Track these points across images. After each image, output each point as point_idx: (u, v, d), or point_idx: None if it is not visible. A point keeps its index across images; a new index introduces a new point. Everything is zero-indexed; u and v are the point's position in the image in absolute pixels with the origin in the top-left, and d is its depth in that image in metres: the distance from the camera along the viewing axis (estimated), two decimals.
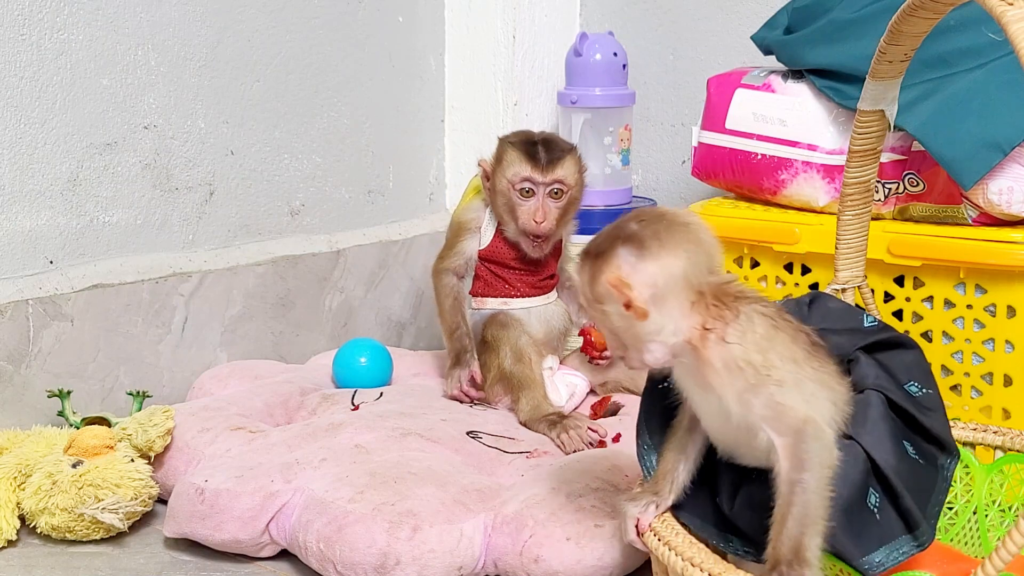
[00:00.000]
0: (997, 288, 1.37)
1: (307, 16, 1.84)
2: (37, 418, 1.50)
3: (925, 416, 0.94)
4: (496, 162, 1.56)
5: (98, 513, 1.28)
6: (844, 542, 0.88)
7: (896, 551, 0.90)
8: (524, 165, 1.54)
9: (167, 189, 1.69)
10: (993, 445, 1.20)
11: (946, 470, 0.94)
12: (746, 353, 0.89)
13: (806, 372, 0.89)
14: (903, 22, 1.07)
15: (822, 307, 1.04)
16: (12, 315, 1.49)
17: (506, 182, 1.54)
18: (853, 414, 0.92)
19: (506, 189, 1.54)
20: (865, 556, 0.89)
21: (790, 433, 0.87)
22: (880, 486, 0.90)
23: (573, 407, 1.56)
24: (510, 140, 1.58)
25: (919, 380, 0.97)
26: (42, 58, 1.53)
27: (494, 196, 1.57)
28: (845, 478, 0.88)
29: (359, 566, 1.16)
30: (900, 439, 0.92)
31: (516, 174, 1.54)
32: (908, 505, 0.89)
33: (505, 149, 1.56)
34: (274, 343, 1.81)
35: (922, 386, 0.97)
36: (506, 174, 1.54)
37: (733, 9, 1.94)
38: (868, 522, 0.89)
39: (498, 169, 1.56)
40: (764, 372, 0.88)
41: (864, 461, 0.90)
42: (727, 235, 1.56)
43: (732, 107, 1.58)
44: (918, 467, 0.92)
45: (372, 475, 1.25)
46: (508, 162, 1.55)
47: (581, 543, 1.16)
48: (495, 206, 1.57)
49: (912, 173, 1.44)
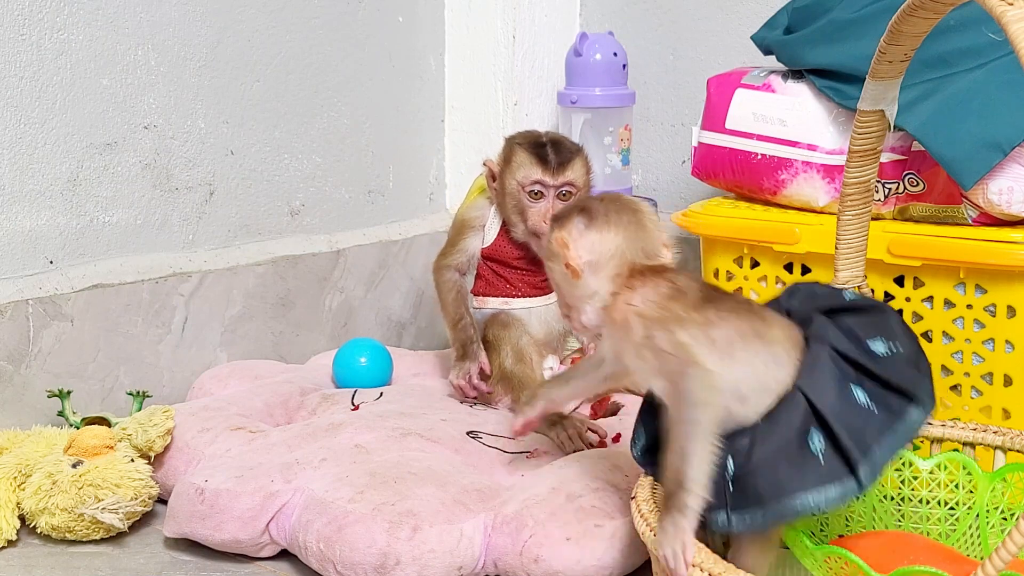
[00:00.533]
0: (997, 288, 1.37)
1: (307, 16, 1.84)
2: (37, 418, 1.50)
3: (880, 365, 0.96)
4: (504, 163, 1.56)
5: (98, 513, 1.28)
6: (781, 482, 0.92)
7: (831, 494, 0.92)
8: (535, 168, 1.54)
9: (167, 189, 1.69)
10: (993, 445, 1.20)
11: (910, 420, 0.94)
12: (640, 310, 1.00)
13: (709, 326, 0.97)
14: (903, 22, 1.07)
15: (807, 291, 1.08)
16: (12, 315, 1.49)
17: (516, 184, 1.54)
18: (802, 366, 0.97)
19: (516, 191, 1.54)
20: (800, 495, 0.92)
21: (671, 377, 0.96)
22: (823, 431, 0.93)
23: (573, 407, 1.56)
24: (518, 141, 1.58)
25: (888, 336, 0.98)
26: (42, 58, 1.53)
27: (502, 196, 1.57)
28: (785, 422, 0.93)
29: (359, 566, 1.16)
30: (847, 386, 0.95)
31: (526, 176, 1.54)
32: (846, 444, 0.91)
33: (514, 151, 1.56)
34: (274, 343, 1.81)
35: (891, 341, 0.98)
36: (516, 176, 1.54)
37: (733, 9, 1.94)
38: (810, 465, 0.92)
39: (507, 170, 1.55)
40: (651, 328, 0.99)
41: (802, 405, 0.94)
42: (727, 235, 1.56)
43: (732, 107, 1.58)
44: (867, 413, 0.94)
45: (372, 475, 1.25)
46: (518, 164, 1.54)
47: (581, 543, 1.16)
48: (502, 206, 1.57)
49: (912, 173, 1.44)
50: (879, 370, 0.96)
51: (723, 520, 0.94)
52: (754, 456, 0.93)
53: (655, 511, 1.01)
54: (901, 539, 1.11)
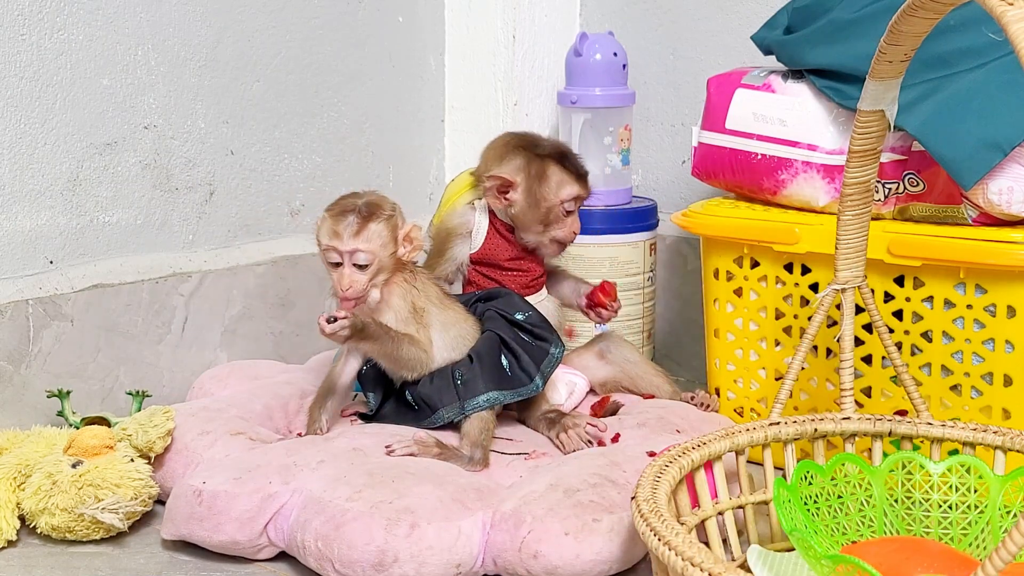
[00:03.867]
0: (997, 288, 1.37)
1: (307, 16, 1.85)
2: (37, 418, 1.50)
3: (527, 321, 1.49)
4: (537, 178, 1.53)
5: (98, 513, 1.28)
6: (485, 387, 1.41)
7: (519, 391, 1.44)
8: (575, 184, 1.54)
9: (167, 189, 1.69)
10: (993, 445, 1.20)
11: (554, 353, 1.48)
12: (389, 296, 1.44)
13: (435, 311, 1.46)
14: (903, 22, 1.07)
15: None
16: (12, 315, 1.49)
17: (556, 200, 1.53)
18: (484, 323, 1.48)
19: (555, 205, 1.54)
20: (496, 392, 1.42)
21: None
22: (510, 354, 1.44)
23: (572, 406, 1.56)
24: (541, 154, 1.55)
25: (522, 309, 1.50)
26: (42, 58, 1.53)
27: (525, 208, 1.54)
28: (488, 348, 1.44)
29: (357, 564, 1.16)
30: (514, 332, 1.47)
31: (569, 193, 1.54)
32: (526, 362, 1.44)
33: (547, 165, 1.54)
34: (274, 343, 1.81)
35: (526, 312, 1.49)
36: (559, 193, 1.53)
37: (733, 9, 1.94)
38: (504, 376, 1.43)
39: (541, 185, 1.53)
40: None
41: (495, 338, 1.45)
42: (727, 235, 1.56)
43: (732, 107, 1.58)
44: (529, 345, 1.46)
45: (370, 474, 1.25)
46: (559, 181, 1.53)
47: (579, 538, 1.16)
48: (519, 216, 1.54)
49: (912, 173, 1.44)
50: (525, 322, 1.48)
51: (458, 408, 1.40)
52: (474, 371, 1.42)
53: (655, 510, 1.01)
54: (912, 544, 1.11)
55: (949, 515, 1.17)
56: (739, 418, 1.60)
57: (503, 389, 1.42)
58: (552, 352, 1.47)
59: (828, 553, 1.05)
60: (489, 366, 1.43)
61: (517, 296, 1.53)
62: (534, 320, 1.50)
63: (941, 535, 1.17)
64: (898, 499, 1.18)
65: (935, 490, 1.18)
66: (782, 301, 1.53)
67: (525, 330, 1.48)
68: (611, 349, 1.63)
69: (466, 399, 1.40)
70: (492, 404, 1.41)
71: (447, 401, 1.41)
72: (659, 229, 1.91)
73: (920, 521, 1.18)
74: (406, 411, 1.46)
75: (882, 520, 1.18)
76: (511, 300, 1.52)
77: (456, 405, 1.41)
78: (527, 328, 1.48)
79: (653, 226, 1.89)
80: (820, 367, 1.51)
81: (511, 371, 1.44)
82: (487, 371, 1.42)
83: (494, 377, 1.42)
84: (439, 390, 1.43)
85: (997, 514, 1.15)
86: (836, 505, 1.17)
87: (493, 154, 1.58)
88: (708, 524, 1.17)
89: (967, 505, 1.16)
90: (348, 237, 1.39)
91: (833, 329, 1.34)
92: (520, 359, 1.45)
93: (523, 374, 1.44)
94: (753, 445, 1.22)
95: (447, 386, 1.42)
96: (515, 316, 1.49)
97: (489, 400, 1.41)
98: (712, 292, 1.61)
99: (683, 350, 2.01)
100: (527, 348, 1.46)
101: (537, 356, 1.46)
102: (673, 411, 1.50)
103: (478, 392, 1.41)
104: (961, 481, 1.18)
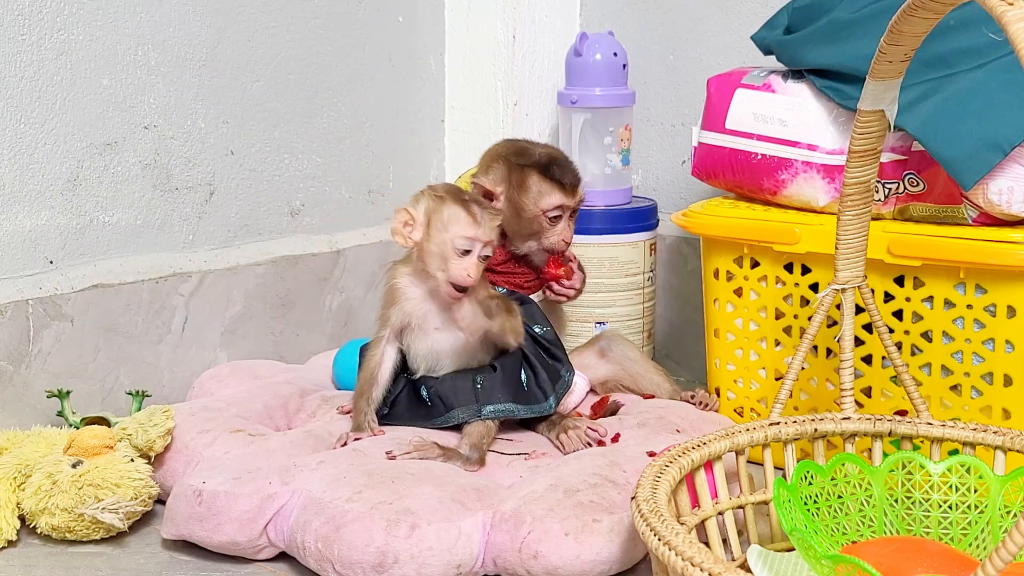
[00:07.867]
0: (997, 288, 1.37)
1: (307, 16, 1.85)
2: (37, 418, 1.50)
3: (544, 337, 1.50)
4: (517, 187, 1.53)
5: (98, 513, 1.28)
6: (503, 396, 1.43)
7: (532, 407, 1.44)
8: (556, 194, 1.53)
9: (167, 189, 1.69)
10: (993, 445, 1.20)
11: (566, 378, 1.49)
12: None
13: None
14: (903, 22, 1.07)
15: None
16: (12, 315, 1.49)
17: (537, 210, 1.53)
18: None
19: (537, 215, 1.53)
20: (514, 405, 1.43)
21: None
22: (530, 369, 1.45)
23: (573, 405, 1.56)
24: (523, 163, 1.54)
25: (540, 323, 1.51)
26: (42, 58, 1.53)
27: (508, 217, 1.52)
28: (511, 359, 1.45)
29: (357, 565, 1.16)
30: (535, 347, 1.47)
31: (550, 203, 1.53)
32: (543, 380, 1.45)
33: (527, 175, 1.53)
34: (274, 343, 1.81)
35: (544, 326, 1.51)
36: (539, 204, 1.52)
37: (733, 9, 1.94)
38: (521, 390, 1.44)
39: (522, 195, 1.53)
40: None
41: (518, 351, 1.45)
42: (727, 235, 1.56)
43: (732, 107, 1.58)
44: (547, 363, 1.47)
45: (370, 475, 1.25)
46: (539, 191, 1.52)
47: (579, 538, 1.16)
48: (505, 225, 1.51)
49: (912, 173, 1.44)
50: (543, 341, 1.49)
51: (474, 411, 1.41)
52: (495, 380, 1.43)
53: (655, 511, 1.01)
54: (912, 544, 1.11)
55: (949, 515, 1.17)
56: (739, 418, 1.60)
57: (519, 403, 1.43)
58: (564, 377, 1.49)
59: (828, 553, 1.05)
60: (510, 377, 1.44)
61: (536, 307, 1.53)
62: (550, 337, 1.51)
63: (941, 535, 1.17)
64: (898, 499, 1.18)
65: (935, 490, 1.18)
66: (782, 301, 1.53)
67: (542, 347, 1.49)
68: (611, 347, 1.63)
69: (484, 404, 1.42)
70: (507, 415, 1.43)
71: (463, 402, 1.42)
72: (659, 229, 1.91)
73: (920, 521, 1.18)
74: (418, 407, 1.46)
75: (882, 520, 1.18)
76: (531, 310, 1.51)
77: (472, 407, 1.41)
78: (544, 345, 1.49)
79: (653, 226, 1.89)
80: (820, 367, 1.51)
81: (527, 386, 1.45)
82: (507, 382, 1.43)
83: (511, 389, 1.43)
84: (456, 390, 1.43)
85: (997, 514, 1.14)
86: (836, 505, 1.17)
87: (482, 161, 1.58)
88: (708, 524, 1.17)
89: (967, 505, 1.16)
90: (488, 229, 1.41)
91: (833, 329, 1.34)
92: (538, 376, 1.46)
93: (539, 391, 1.45)
94: (753, 445, 1.22)
95: (466, 388, 1.43)
96: (534, 329, 1.49)
97: (506, 411, 1.42)
98: (712, 292, 1.61)
99: (683, 350, 2.01)
100: (545, 366, 1.47)
101: (552, 375, 1.47)
102: (673, 411, 1.51)
103: (495, 400, 1.42)
104: (961, 481, 1.18)
